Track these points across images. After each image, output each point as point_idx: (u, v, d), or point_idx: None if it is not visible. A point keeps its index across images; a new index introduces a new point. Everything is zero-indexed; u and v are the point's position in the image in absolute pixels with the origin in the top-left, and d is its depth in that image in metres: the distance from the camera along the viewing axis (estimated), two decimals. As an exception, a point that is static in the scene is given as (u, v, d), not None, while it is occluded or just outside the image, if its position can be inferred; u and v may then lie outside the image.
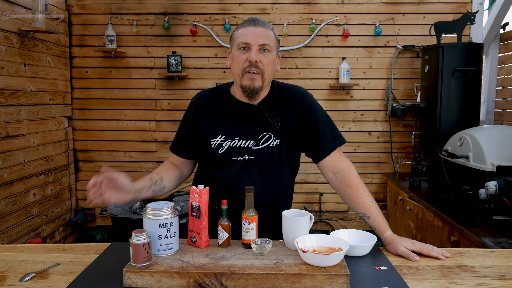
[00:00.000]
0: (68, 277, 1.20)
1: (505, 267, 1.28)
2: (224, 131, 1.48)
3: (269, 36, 1.43)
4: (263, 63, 1.41)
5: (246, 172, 1.46)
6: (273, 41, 1.44)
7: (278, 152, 1.47)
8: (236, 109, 1.50)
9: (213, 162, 1.49)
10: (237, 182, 1.46)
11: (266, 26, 1.44)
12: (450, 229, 2.29)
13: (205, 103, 1.54)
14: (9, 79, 2.90)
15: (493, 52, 3.41)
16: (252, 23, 1.43)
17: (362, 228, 3.66)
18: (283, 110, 1.49)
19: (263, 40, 1.40)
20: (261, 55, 1.41)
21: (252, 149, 1.46)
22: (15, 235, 3.00)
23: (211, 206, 1.40)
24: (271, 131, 1.47)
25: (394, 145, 3.81)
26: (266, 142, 1.47)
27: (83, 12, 3.73)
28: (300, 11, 3.69)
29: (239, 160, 1.46)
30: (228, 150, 1.47)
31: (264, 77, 1.42)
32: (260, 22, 1.44)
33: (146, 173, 3.94)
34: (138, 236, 1.16)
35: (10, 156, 2.93)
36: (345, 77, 3.61)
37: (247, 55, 1.40)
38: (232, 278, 1.11)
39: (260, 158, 1.46)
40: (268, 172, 1.47)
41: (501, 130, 2.49)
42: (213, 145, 1.48)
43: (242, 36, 1.42)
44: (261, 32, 1.41)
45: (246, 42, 1.41)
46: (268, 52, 1.42)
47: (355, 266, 1.26)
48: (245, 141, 1.47)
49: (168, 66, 3.64)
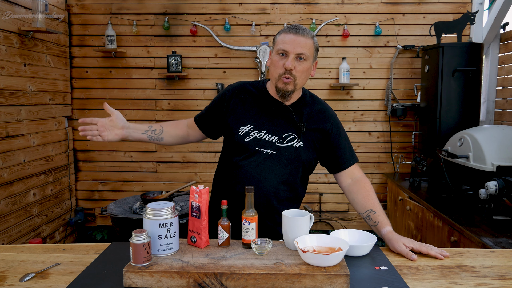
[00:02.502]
0: (68, 277, 1.20)
1: (505, 267, 1.28)
2: (254, 121, 1.58)
3: (308, 45, 1.50)
4: (297, 70, 1.50)
5: (268, 165, 1.54)
6: (310, 50, 1.51)
7: (300, 153, 1.57)
8: (268, 104, 1.60)
9: (237, 148, 1.58)
10: (257, 172, 1.54)
11: (307, 34, 1.51)
12: (450, 229, 2.29)
13: (240, 92, 1.64)
14: (9, 79, 2.90)
15: (493, 52, 3.41)
16: (293, 30, 1.50)
17: (362, 228, 3.66)
18: (311, 119, 1.60)
19: (301, 49, 1.48)
20: (297, 63, 1.50)
21: (276, 145, 1.55)
22: (15, 235, 3.00)
23: (228, 191, 1.56)
24: (297, 134, 1.58)
25: (394, 145, 3.81)
26: (291, 142, 1.57)
27: (83, 12, 3.73)
28: (300, 11, 3.69)
29: (262, 151, 1.55)
30: (254, 140, 1.56)
31: (297, 82, 1.52)
32: (301, 30, 1.50)
33: (146, 173, 3.96)
34: (138, 236, 1.16)
35: (10, 156, 2.93)
36: (345, 77, 3.61)
37: (284, 61, 1.49)
38: (232, 278, 1.11)
39: (283, 155, 1.55)
40: (287, 168, 1.56)
41: (501, 130, 2.49)
42: (240, 132, 1.57)
43: (282, 43, 1.50)
44: (301, 41, 1.49)
45: (284, 49, 1.49)
46: (304, 61, 1.50)
47: (355, 266, 1.26)
48: (270, 136, 1.56)
49: (168, 66, 3.64)
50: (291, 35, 1.49)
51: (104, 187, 3.90)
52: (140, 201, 2.96)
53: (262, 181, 1.53)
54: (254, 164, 1.54)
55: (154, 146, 3.84)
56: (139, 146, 3.84)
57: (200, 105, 3.77)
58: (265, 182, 1.54)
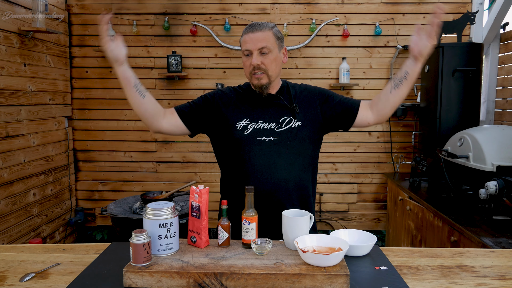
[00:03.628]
0: (68, 277, 1.20)
1: (505, 267, 1.28)
2: (248, 115, 1.63)
3: (267, 38, 1.56)
4: (265, 63, 1.57)
5: (274, 151, 1.58)
6: (271, 41, 1.58)
7: (300, 132, 1.61)
8: (257, 97, 1.65)
9: (239, 144, 1.60)
10: (266, 160, 1.57)
11: (263, 28, 1.57)
12: (450, 229, 2.29)
13: (227, 93, 1.69)
14: (9, 79, 2.90)
15: (493, 52, 3.41)
16: (250, 29, 1.58)
17: (362, 228, 3.66)
18: (299, 98, 1.67)
19: (261, 44, 1.55)
20: (262, 58, 1.57)
21: (275, 131, 1.60)
22: (15, 235, 3.00)
23: (238, 187, 1.55)
24: (292, 115, 1.62)
25: (394, 145, 3.81)
26: (288, 124, 1.61)
27: (83, 12, 3.73)
28: (300, 11, 3.69)
29: (263, 140, 1.59)
30: (253, 132, 1.60)
31: (270, 74, 1.59)
32: (257, 26, 1.57)
33: (146, 173, 3.96)
34: (138, 236, 1.16)
35: (10, 156, 2.93)
36: (345, 77, 3.61)
37: (250, 60, 1.57)
38: (232, 278, 1.11)
39: (285, 138, 1.59)
40: (293, 149, 1.60)
41: (501, 130, 2.49)
42: (238, 127, 1.61)
43: (243, 44, 1.59)
44: (259, 37, 1.56)
45: (247, 49, 1.57)
46: (269, 53, 1.57)
47: (355, 266, 1.26)
48: (268, 124, 1.61)
49: (168, 66, 3.64)
50: (249, 34, 1.57)
51: (104, 187, 3.90)
52: (140, 201, 2.96)
53: (273, 168, 1.56)
54: (261, 154, 1.58)
55: (154, 146, 3.84)
56: (139, 146, 3.84)
57: (200, 105, 3.76)
58: (276, 168, 1.56)
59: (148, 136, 3.83)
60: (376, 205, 3.85)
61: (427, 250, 1.43)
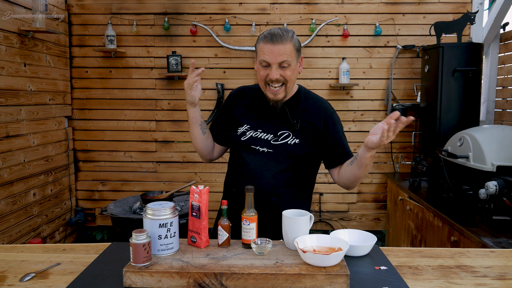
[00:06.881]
0: (68, 277, 1.20)
1: (505, 267, 1.28)
2: (250, 122, 1.64)
3: (287, 51, 1.49)
4: (284, 75, 1.53)
5: (264, 163, 1.58)
6: (292, 54, 1.51)
7: (296, 150, 1.58)
8: (264, 104, 1.65)
9: (237, 147, 1.64)
10: (255, 170, 1.57)
11: (284, 40, 1.49)
12: (450, 229, 2.29)
13: (237, 96, 1.73)
14: (9, 79, 2.90)
15: (493, 52, 3.41)
16: (270, 40, 1.49)
17: (362, 228, 3.66)
18: (305, 115, 1.62)
19: (281, 58, 1.49)
20: (281, 71, 1.52)
21: (271, 143, 1.59)
22: (15, 235, 3.00)
23: (230, 188, 1.65)
24: (291, 131, 1.60)
25: (394, 145, 3.81)
26: (285, 139, 1.59)
27: (83, 12, 3.73)
28: (300, 11, 3.69)
29: (258, 150, 1.59)
30: (250, 139, 1.61)
31: (288, 85, 1.56)
32: (278, 38, 1.48)
33: (146, 173, 3.95)
34: (138, 236, 1.16)
35: (10, 156, 2.93)
36: (345, 77, 3.61)
37: (268, 71, 1.52)
38: (232, 278, 1.11)
39: (278, 152, 1.58)
40: (284, 165, 1.57)
41: (501, 130, 2.49)
42: (238, 132, 1.64)
43: (261, 53, 1.52)
44: (280, 50, 1.48)
45: (265, 61, 1.51)
46: (288, 66, 1.52)
47: (355, 266, 1.26)
48: (265, 134, 1.61)
49: (168, 66, 3.64)
50: (269, 45, 1.49)
51: (104, 187, 3.90)
52: (140, 201, 2.96)
53: (259, 179, 1.56)
54: (252, 162, 1.59)
55: (154, 146, 3.84)
56: (139, 146, 3.84)
57: (200, 104, 3.76)
58: (262, 180, 1.55)
59: (148, 136, 3.83)
60: (376, 205, 3.85)
61: (427, 250, 1.43)
